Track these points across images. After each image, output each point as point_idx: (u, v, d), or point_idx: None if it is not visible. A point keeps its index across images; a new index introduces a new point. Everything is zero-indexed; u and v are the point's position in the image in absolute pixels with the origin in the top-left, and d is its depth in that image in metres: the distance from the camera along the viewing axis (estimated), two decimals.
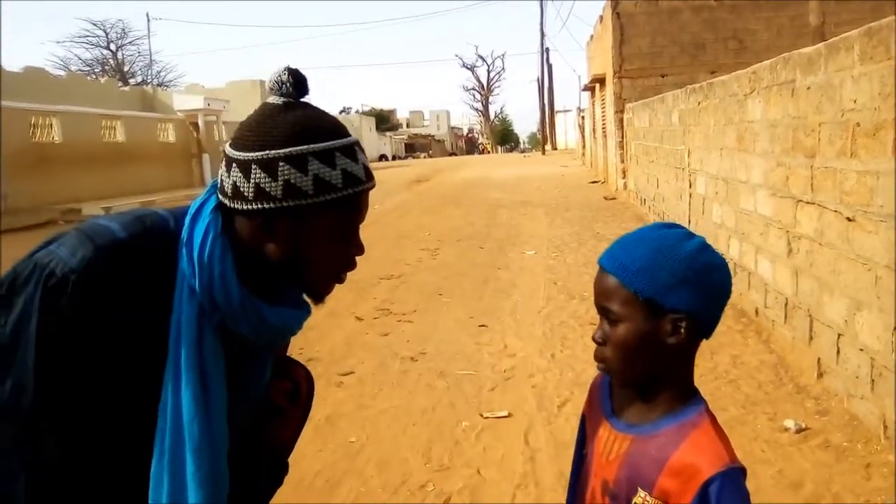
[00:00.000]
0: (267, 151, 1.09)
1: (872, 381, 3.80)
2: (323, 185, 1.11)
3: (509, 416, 4.46)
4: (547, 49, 48.68)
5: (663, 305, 1.16)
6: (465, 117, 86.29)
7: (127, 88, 35.94)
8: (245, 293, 1.14)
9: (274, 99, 1.14)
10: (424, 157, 61.13)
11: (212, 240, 1.12)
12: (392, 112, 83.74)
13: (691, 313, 1.17)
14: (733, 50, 16.50)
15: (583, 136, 32.54)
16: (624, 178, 16.56)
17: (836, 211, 4.24)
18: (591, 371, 5.20)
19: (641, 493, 1.19)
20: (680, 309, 1.16)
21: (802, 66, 4.74)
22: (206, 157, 26.04)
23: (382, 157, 58.19)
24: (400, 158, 60.75)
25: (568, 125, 56.17)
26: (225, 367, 1.16)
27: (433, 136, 79.97)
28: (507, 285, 8.21)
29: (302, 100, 1.17)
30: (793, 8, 16.33)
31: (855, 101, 3.92)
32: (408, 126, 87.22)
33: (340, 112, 69.02)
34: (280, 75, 1.14)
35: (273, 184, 1.08)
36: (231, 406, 1.16)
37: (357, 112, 68.74)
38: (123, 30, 55.88)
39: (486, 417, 4.42)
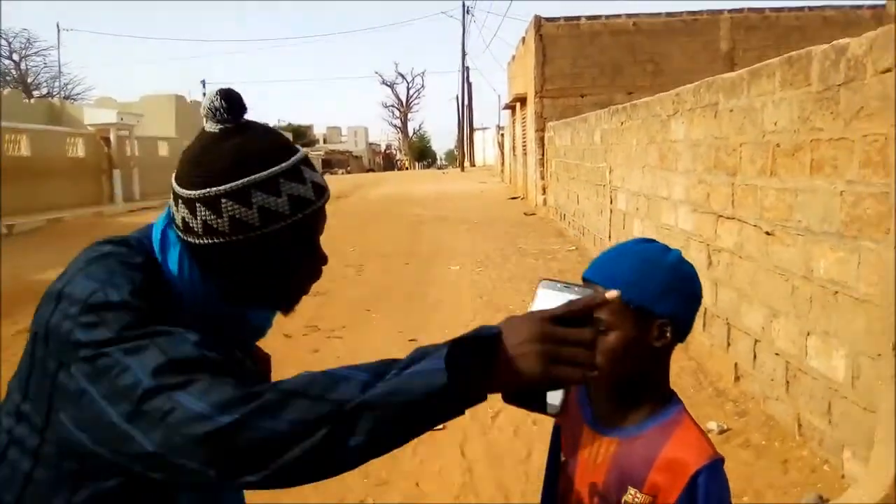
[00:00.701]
0: (208, 189, 1.05)
1: (787, 382, 4.06)
2: (269, 215, 1.07)
3: (444, 428, 4.51)
4: (467, 68, 49.38)
5: (653, 312, 1.25)
6: (384, 134, 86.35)
7: (32, 101, 34.25)
8: (229, 306, 1.16)
9: (211, 126, 1.09)
10: (342, 174, 60.75)
11: (188, 265, 1.11)
12: (309, 128, 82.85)
13: (675, 318, 1.27)
14: (650, 72, 17.22)
15: (502, 154, 33.15)
16: (544, 194, 16.97)
17: (755, 226, 4.52)
18: None
19: (631, 490, 1.25)
20: (666, 315, 1.25)
21: (725, 90, 5.04)
22: (117, 172, 24.93)
23: None
24: None
25: (486, 142, 57.14)
26: None
27: (351, 152, 79.52)
28: (434, 300, 8.27)
29: (242, 120, 1.12)
30: (706, 34, 17.24)
31: (775, 124, 4.21)
32: (325, 142, 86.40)
33: None
34: (213, 101, 1.08)
35: (219, 220, 1.06)
36: None
37: (274, 128, 67.86)
38: (28, 39, 53.39)
39: None
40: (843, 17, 17.36)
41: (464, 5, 41.05)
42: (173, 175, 1.13)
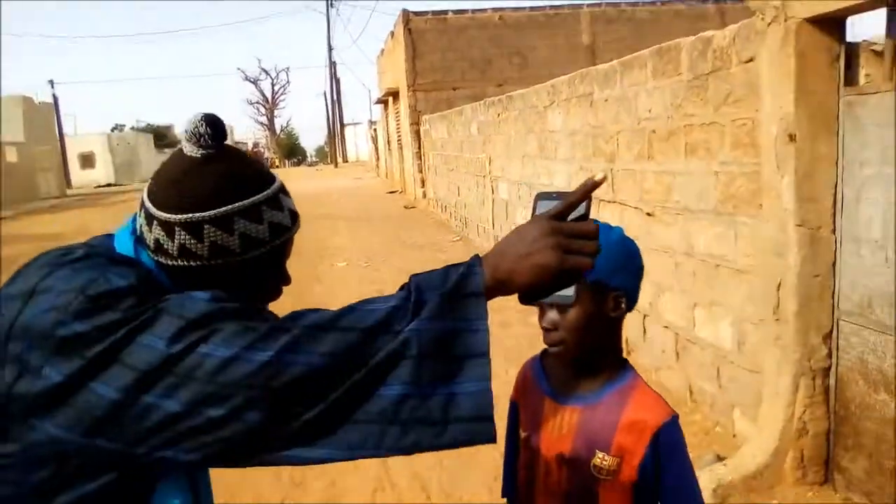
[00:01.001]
0: (191, 214, 1.05)
1: (677, 353, 4.35)
2: (250, 241, 1.08)
3: None
4: (334, 63, 48.81)
5: (608, 285, 1.35)
6: (250, 131, 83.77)
7: None
8: None
9: (191, 150, 1.08)
10: None
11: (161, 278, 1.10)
12: (169, 128, 79.27)
13: (627, 289, 1.38)
14: (517, 65, 17.73)
15: (376, 149, 33.07)
16: (423, 187, 17.12)
17: (636, 208, 4.80)
18: None
19: (599, 454, 1.35)
20: (619, 287, 1.37)
21: (599, 81, 5.30)
22: None
23: None
24: None
25: (358, 138, 56.77)
26: None
27: None
28: (324, 297, 8.18)
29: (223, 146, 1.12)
30: (567, 28, 17.94)
31: (650, 111, 4.48)
32: None
33: (113, 129, 63.99)
34: (197, 126, 1.08)
35: (199, 245, 1.06)
36: None
37: (132, 129, 64.16)
38: None
39: None
40: (692, 11, 18.57)
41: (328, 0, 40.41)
42: (145, 193, 1.11)
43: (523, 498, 1.50)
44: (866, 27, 3.53)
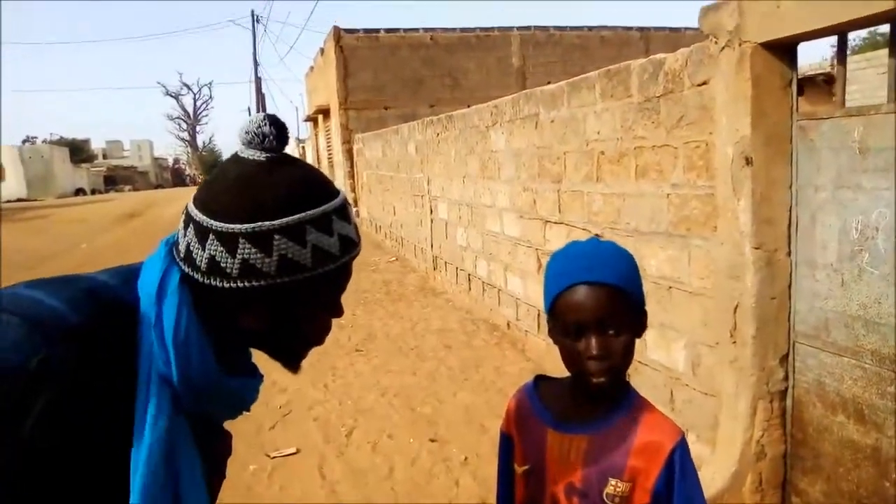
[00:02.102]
0: (259, 223, 0.94)
1: (629, 375, 4.31)
2: (321, 255, 0.98)
3: (298, 452, 4.33)
4: (260, 78, 48.02)
5: (641, 306, 1.30)
6: (171, 147, 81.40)
7: None
8: (220, 375, 1.03)
9: (252, 154, 0.98)
10: (129, 191, 56.56)
11: (186, 322, 0.97)
12: (86, 142, 76.37)
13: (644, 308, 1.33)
14: (448, 86, 17.81)
15: None
16: (356, 206, 16.91)
17: (584, 229, 4.79)
18: (370, 397, 5.21)
19: (612, 481, 1.28)
20: (644, 306, 1.31)
21: (545, 102, 5.30)
22: None
23: (80, 192, 52.67)
24: (100, 192, 55.42)
25: None
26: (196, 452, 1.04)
27: (136, 167, 74.23)
28: None
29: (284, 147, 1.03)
30: (499, 50, 18.16)
31: (598, 133, 4.49)
32: (105, 157, 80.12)
33: (24, 142, 61.28)
34: (261, 126, 0.98)
35: (265, 260, 0.95)
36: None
37: (45, 142, 61.47)
38: None
39: (274, 457, 4.24)
40: (617, 37, 19.11)
41: (253, 14, 39.72)
42: (194, 205, 0.98)
43: None
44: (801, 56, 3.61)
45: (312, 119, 24.05)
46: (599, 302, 1.24)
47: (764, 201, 3.09)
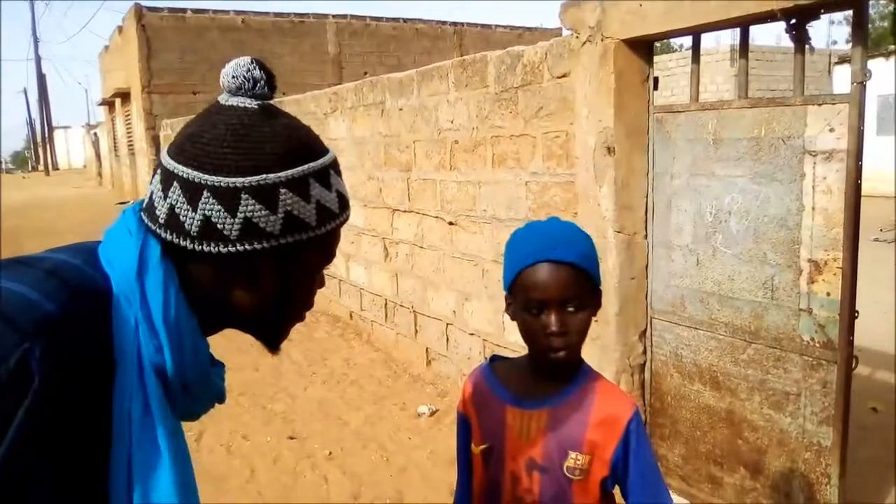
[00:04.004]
0: (264, 176, 0.83)
1: (485, 358, 4.44)
2: (324, 212, 0.89)
3: None
4: (40, 57, 43.50)
5: (598, 284, 1.33)
6: None
7: None
8: (200, 362, 0.91)
9: (242, 101, 0.87)
10: None
11: (175, 301, 0.85)
12: None
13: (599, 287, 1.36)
14: None
15: (97, 155, 30.02)
16: None
17: (437, 217, 4.84)
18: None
19: (572, 454, 1.31)
20: (600, 285, 1.34)
21: (393, 90, 5.27)
22: None
23: None
24: None
25: (70, 143, 51.13)
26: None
27: None
28: None
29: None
30: (313, 37, 17.79)
31: (452, 122, 4.54)
32: None
33: None
34: (251, 70, 0.88)
35: (271, 217, 0.84)
36: None
37: None
38: None
39: None
40: (431, 30, 19.46)
41: None
42: (176, 161, 0.85)
43: None
44: None
45: (108, 103, 22.17)
46: (561, 280, 1.26)
47: (624, 188, 3.30)
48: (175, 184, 0.84)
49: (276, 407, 4.71)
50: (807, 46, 2.81)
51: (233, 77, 0.87)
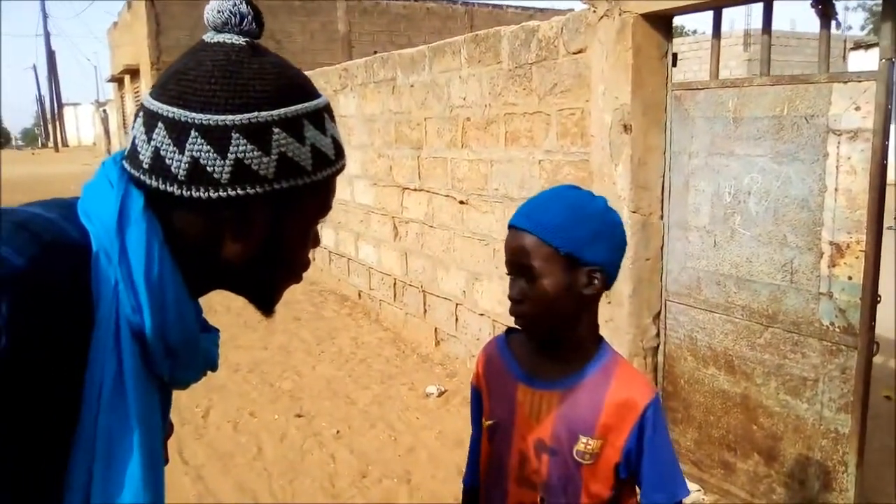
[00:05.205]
0: (255, 113, 0.78)
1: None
2: (320, 157, 0.84)
3: None
4: (49, 33, 43.40)
5: (580, 259, 1.23)
6: None
7: None
8: (188, 325, 0.84)
9: (229, 38, 0.82)
10: None
11: (158, 256, 0.78)
12: None
13: (604, 266, 1.26)
14: (273, 49, 16.96)
15: (107, 131, 29.99)
16: None
17: (447, 195, 4.77)
18: (221, 374, 4.88)
19: (583, 439, 1.26)
20: (595, 262, 1.24)
21: (404, 66, 5.19)
22: None
23: None
24: None
25: (80, 119, 51.12)
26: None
27: None
28: None
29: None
30: (323, 15, 17.63)
31: (464, 99, 4.46)
32: None
33: None
34: (237, 4, 0.82)
35: (265, 159, 0.79)
36: None
37: None
38: None
39: None
40: (442, 10, 19.25)
41: None
42: (160, 101, 0.79)
43: (491, 488, 1.39)
44: None
45: (117, 80, 22.10)
46: (515, 248, 1.24)
47: (641, 167, 3.22)
48: (159, 124, 0.78)
49: (284, 385, 4.68)
50: (832, 22, 2.72)
51: (218, 12, 0.82)
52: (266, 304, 0.95)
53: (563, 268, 1.23)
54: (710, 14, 3.15)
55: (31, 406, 0.71)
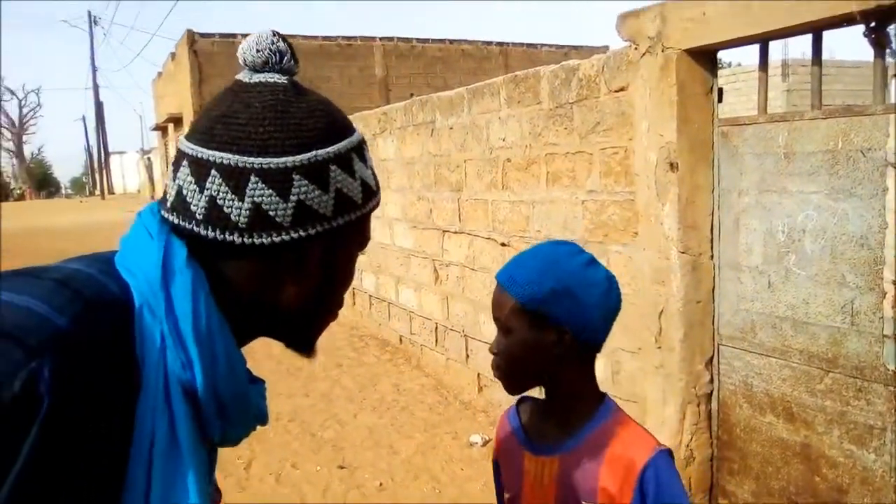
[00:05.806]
0: (314, 153, 0.77)
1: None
2: (366, 189, 0.84)
3: None
4: (98, 85, 44.98)
5: (547, 316, 1.18)
6: None
7: None
8: (236, 380, 0.80)
9: (270, 77, 0.80)
10: None
11: (206, 308, 0.75)
12: None
13: (573, 325, 1.19)
14: None
15: (151, 180, 30.77)
16: None
17: (488, 238, 4.71)
18: None
19: None
20: (562, 320, 1.18)
21: (443, 109, 5.19)
22: None
23: None
24: None
25: (125, 168, 52.60)
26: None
27: None
28: None
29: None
30: (361, 60, 17.98)
31: (504, 140, 4.43)
32: None
33: None
34: (276, 43, 0.81)
35: (324, 198, 0.78)
36: None
37: None
38: None
39: None
40: (477, 51, 19.49)
41: (90, 15, 37.08)
42: (208, 148, 0.77)
43: None
44: None
45: (161, 128, 22.75)
46: (493, 301, 1.26)
47: (689, 206, 3.12)
48: (213, 172, 0.76)
49: (326, 434, 4.61)
50: (888, 51, 2.62)
51: (257, 51, 0.80)
52: (308, 346, 0.92)
53: (530, 324, 1.20)
54: (745, 46, 3.07)
55: (75, 467, 0.68)
